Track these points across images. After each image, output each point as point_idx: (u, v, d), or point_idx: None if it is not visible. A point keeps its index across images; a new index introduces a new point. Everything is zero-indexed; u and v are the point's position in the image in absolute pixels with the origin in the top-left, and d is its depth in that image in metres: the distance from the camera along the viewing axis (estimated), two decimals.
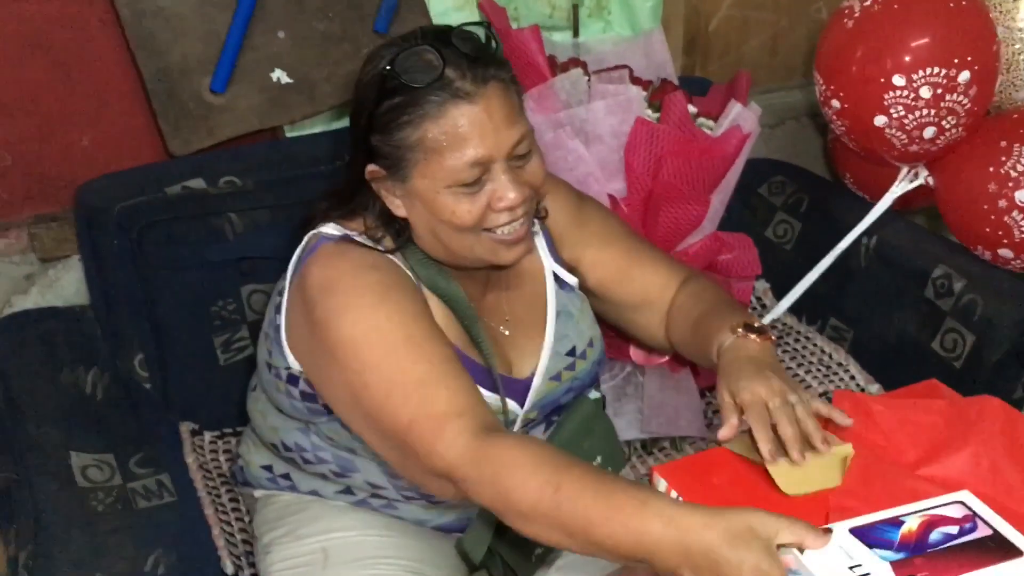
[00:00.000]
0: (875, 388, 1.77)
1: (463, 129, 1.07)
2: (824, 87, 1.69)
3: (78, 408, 1.50)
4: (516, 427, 1.25)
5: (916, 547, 0.94)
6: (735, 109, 1.64)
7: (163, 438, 1.56)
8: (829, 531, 0.93)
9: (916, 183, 1.76)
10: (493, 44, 1.13)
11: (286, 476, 1.33)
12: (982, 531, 0.97)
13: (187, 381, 1.61)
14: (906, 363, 1.75)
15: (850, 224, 1.80)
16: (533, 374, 1.25)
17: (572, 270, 1.34)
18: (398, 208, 1.15)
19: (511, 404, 1.21)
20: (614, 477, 0.97)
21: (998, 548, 0.94)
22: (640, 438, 1.64)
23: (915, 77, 1.55)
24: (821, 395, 1.76)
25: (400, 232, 1.17)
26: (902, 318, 1.77)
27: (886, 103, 1.58)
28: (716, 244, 1.65)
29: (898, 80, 1.56)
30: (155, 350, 1.59)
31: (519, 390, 1.23)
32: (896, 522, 0.98)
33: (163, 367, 1.60)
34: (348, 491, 1.29)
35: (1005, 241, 1.66)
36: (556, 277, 1.31)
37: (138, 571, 1.24)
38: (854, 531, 0.95)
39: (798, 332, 1.92)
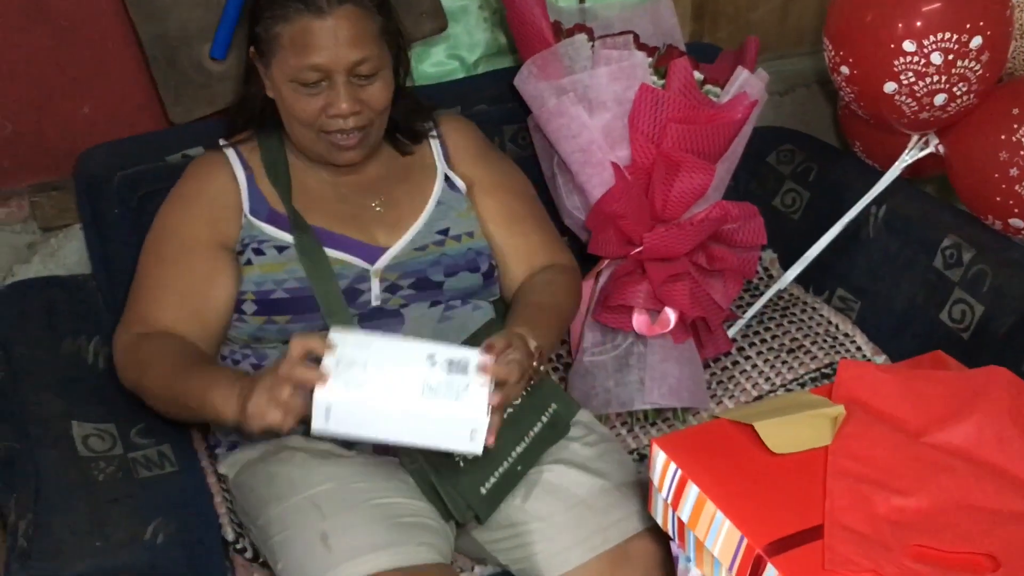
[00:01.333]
0: (881, 359, 1.75)
1: (308, 38, 1.28)
2: (833, 53, 1.66)
3: (80, 377, 1.50)
4: (372, 286, 1.37)
5: None
6: (742, 76, 1.61)
7: None
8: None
9: (926, 151, 1.73)
10: None
11: None
12: None
13: None
14: (913, 334, 1.73)
15: (859, 193, 1.78)
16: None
17: (467, 183, 1.50)
18: (269, 89, 1.37)
19: (354, 259, 1.38)
20: (208, 366, 1.31)
21: None
22: (642, 408, 1.63)
23: (926, 43, 1.52)
24: (827, 366, 1.75)
25: (263, 112, 1.40)
26: (910, 288, 1.75)
27: (896, 69, 1.55)
28: (721, 213, 1.63)
29: (908, 46, 1.53)
30: None
31: (373, 253, 1.39)
32: None
33: None
34: None
35: (1016, 211, 1.63)
36: (447, 178, 1.48)
37: (137, 539, 1.24)
38: None
39: (804, 302, 1.90)
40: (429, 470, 1.26)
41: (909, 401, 1.14)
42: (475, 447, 1.11)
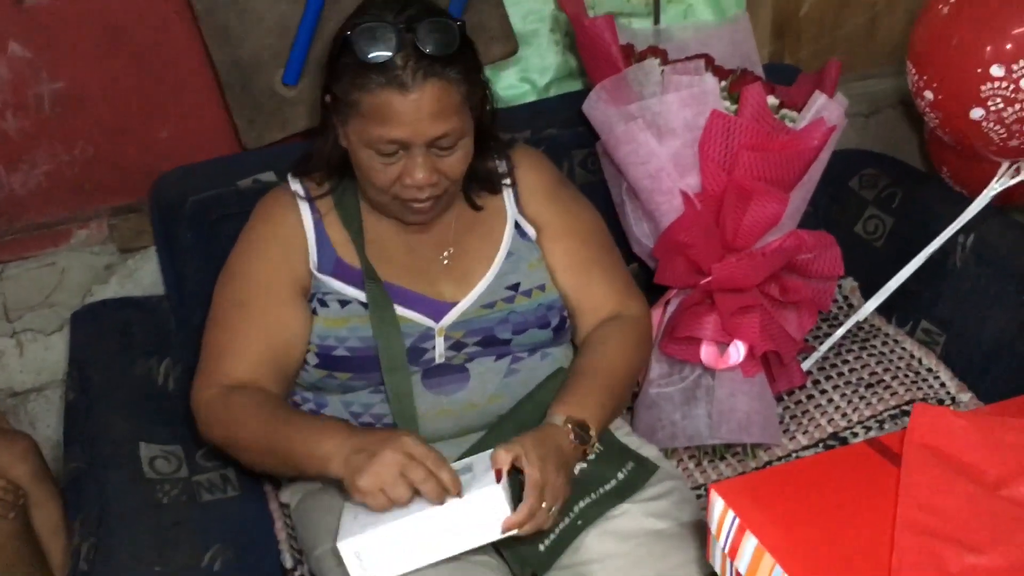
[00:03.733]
0: (967, 397, 1.67)
1: (388, 112, 1.20)
2: (917, 77, 1.59)
3: (149, 399, 1.53)
4: (436, 344, 1.34)
5: None
6: (819, 101, 1.55)
7: None
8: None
9: (1017, 179, 1.65)
10: (456, 44, 1.21)
11: None
12: None
13: None
14: (1002, 371, 1.64)
15: (946, 221, 1.70)
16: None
17: (535, 227, 1.44)
18: (342, 137, 1.30)
19: (419, 317, 1.34)
20: (309, 416, 1.31)
21: None
22: (710, 443, 1.58)
23: (1015, 67, 1.45)
24: (908, 403, 1.67)
25: (342, 163, 1.33)
26: (999, 322, 1.66)
27: (983, 95, 1.48)
28: (795, 243, 1.57)
29: (996, 71, 1.45)
30: None
31: (438, 310, 1.35)
32: None
33: None
34: None
35: None
36: (517, 225, 1.42)
37: (196, 566, 1.25)
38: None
39: (886, 334, 1.82)
40: None
41: (988, 450, 1.08)
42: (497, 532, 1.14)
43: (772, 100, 1.57)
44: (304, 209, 1.37)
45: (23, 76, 1.61)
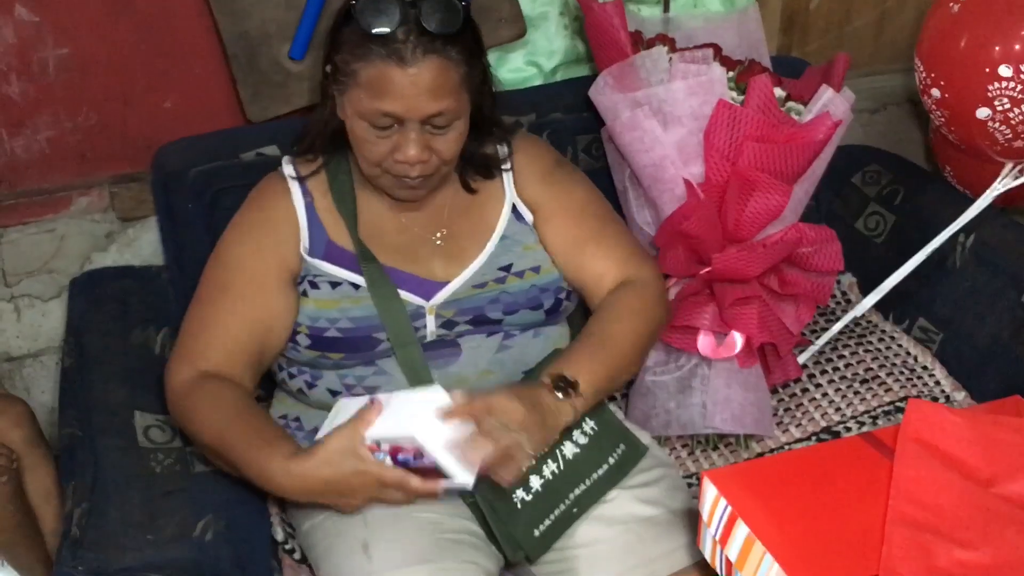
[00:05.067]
0: (961, 396, 1.68)
1: (385, 84, 1.21)
2: (924, 74, 1.59)
3: (146, 368, 1.52)
4: (428, 321, 1.34)
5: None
6: (826, 94, 1.55)
7: None
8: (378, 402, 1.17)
9: (1021, 180, 1.65)
10: (459, 24, 1.22)
11: (296, 419, 1.41)
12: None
13: None
14: (997, 371, 1.65)
15: (947, 220, 1.70)
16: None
17: (532, 210, 1.44)
18: (340, 109, 1.30)
19: (409, 296, 1.34)
20: (255, 428, 1.24)
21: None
22: (703, 433, 1.59)
23: (1023, 68, 1.45)
24: (902, 399, 1.68)
25: (336, 136, 1.34)
26: (996, 323, 1.66)
27: (990, 95, 1.48)
28: (796, 236, 1.57)
29: (1004, 71, 1.46)
30: None
31: (429, 289, 1.35)
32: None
33: None
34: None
35: None
36: (515, 208, 1.42)
37: (187, 535, 1.25)
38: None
39: (883, 331, 1.82)
40: (484, 508, 1.24)
41: (981, 447, 1.08)
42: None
43: (779, 92, 1.57)
44: (296, 193, 1.38)
45: (29, 40, 1.60)
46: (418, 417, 1.15)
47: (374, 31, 1.19)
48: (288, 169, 1.40)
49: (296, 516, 1.36)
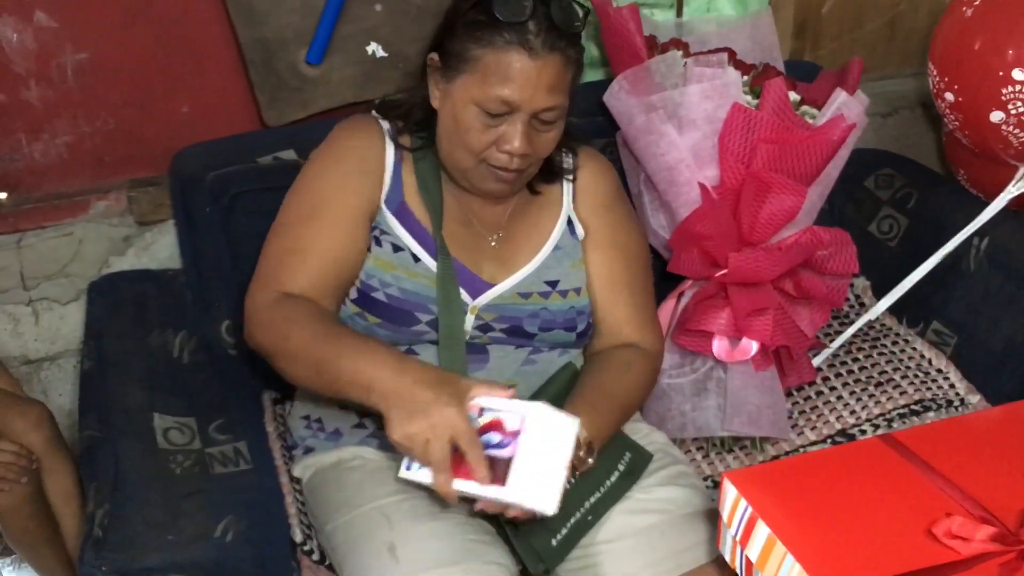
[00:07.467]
0: (976, 399, 1.68)
1: (510, 71, 1.22)
2: (938, 78, 1.59)
3: (164, 370, 1.54)
4: (467, 320, 1.34)
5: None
6: (840, 98, 1.56)
7: (244, 405, 1.58)
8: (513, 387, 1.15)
9: None
10: (582, 25, 1.26)
11: (319, 420, 1.41)
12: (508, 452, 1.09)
13: None
14: (1011, 374, 1.65)
15: (961, 223, 1.71)
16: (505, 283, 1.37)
17: (584, 229, 1.45)
18: (435, 99, 1.31)
19: (460, 290, 1.34)
20: (362, 337, 1.22)
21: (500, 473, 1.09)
22: (719, 435, 1.59)
23: None
24: (916, 402, 1.68)
25: (426, 124, 1.34)
26: (1011, 326, 1.67)
27: (1004, 98, 1.49)
28: (811, 239, 1.57)
29: (1018, 74, 1.46)
30: (241, 317, 1.61)
31: (477, 287, 1.36)
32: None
33: None
34: (361, 425, 1.37)
35: None
36: (569, 221, 1.43)
37: (208, 536, 1.26)
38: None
39: (897, 334, 1.83)
40: (502, 519, 1.23)
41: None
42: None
43: (793, 96, 1.57)
44: (389, 142, 1.37)
45: (48, 46, 1.62)
46: (540, 411, 1.11)
47: (507, 18, 1.21)
48: (384, 124, 1.38)
49: (318, 517, 1.37)
